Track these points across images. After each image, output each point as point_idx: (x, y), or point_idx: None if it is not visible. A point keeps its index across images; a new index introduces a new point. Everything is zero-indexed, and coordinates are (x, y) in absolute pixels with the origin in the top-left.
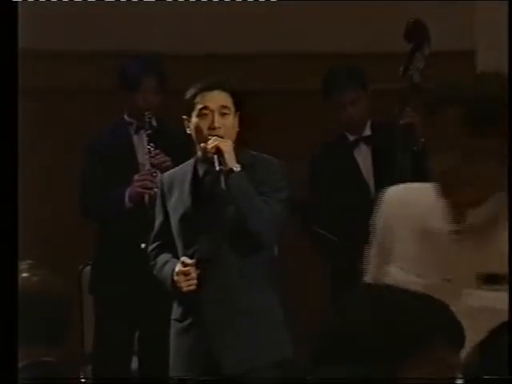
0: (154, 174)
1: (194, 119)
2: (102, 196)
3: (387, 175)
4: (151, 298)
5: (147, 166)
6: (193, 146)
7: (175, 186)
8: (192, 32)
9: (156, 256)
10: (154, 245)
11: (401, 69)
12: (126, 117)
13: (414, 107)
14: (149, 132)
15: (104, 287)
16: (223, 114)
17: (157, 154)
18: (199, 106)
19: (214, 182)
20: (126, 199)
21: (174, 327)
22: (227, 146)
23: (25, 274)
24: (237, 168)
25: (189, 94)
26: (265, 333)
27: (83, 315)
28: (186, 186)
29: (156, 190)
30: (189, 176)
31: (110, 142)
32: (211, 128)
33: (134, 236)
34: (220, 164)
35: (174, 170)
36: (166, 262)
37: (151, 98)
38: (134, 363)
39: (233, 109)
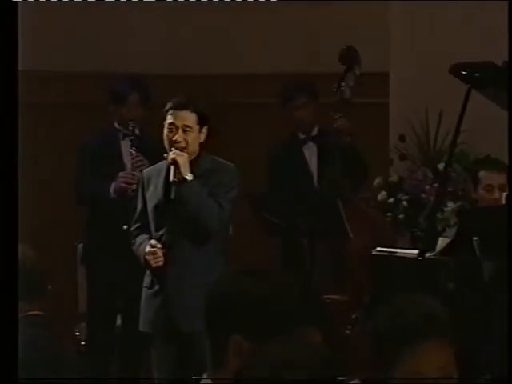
0: (135, 173)
1: (165, 131)
2: (93, 187)
3: (326, 167)
4: (130, 268)
5: (129, 166)
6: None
7: (152, 180)
8: (171, 55)
9: (136, 236)
10: (134, 226)
11: (335, 86)
12: (115, 124)
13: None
14: (132, 138)
15: (93, 259)
16: (185, 131)
17: (137, 157)
18: (168, 122)
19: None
20: (111, 191)
21: (145, 293)
22: (182, 159)
23: None
24: (189, 177)
25: (165, 108)
26: None
27: (78, 281)
28: (160, 182)
29: (135, 186)
30: (162, 174)
31: (101, 144)
32: (174, 141)
33: (116, 220)
34: (174, 176)
35: (152, 166)
36: (141, 243)
37: (135, 110)
38: (118, 320)
39: (196, 126)
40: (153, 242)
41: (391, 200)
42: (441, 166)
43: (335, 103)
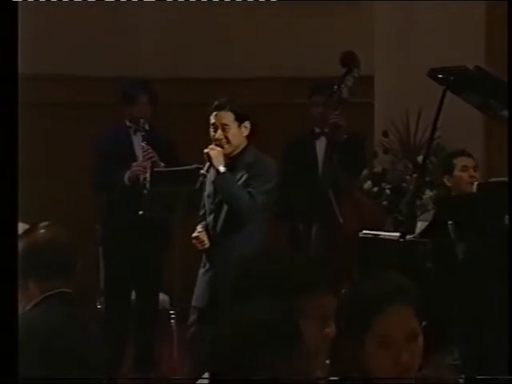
0: (146, 164)
1: (210, 131)
2: (109, 176)
3: (329, 160)
4: (143, 250)
5: (141, 158)
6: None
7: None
8: (176, 60)
9: (199, 222)
10: (200, 213)
11: (335, 86)
12: (127, 122)
13: (341, 113)
14: (143, 134)
15: (109, 240)
16: (224, 129)
17: (148, 150)
18: (210, 122)
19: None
20: (126, 179)
21: (200, 270)
22: (215, 153)
23: (42, 231)
24: (222, 169)
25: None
26: None
27: (99, 261)
28: (211, 175)
29: (147, 175)
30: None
31: (115, 139)
32: (216, 139)
33: (130, 204)
34: (207, 169)
35: None
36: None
37: (145, 109)
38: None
39: (235, 123)
40: (198, 227)
41: (375, 189)
42: (420, 158)
43: (334, 102)
